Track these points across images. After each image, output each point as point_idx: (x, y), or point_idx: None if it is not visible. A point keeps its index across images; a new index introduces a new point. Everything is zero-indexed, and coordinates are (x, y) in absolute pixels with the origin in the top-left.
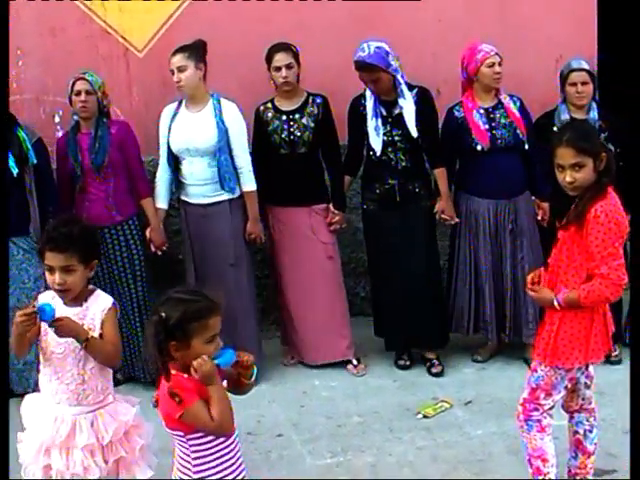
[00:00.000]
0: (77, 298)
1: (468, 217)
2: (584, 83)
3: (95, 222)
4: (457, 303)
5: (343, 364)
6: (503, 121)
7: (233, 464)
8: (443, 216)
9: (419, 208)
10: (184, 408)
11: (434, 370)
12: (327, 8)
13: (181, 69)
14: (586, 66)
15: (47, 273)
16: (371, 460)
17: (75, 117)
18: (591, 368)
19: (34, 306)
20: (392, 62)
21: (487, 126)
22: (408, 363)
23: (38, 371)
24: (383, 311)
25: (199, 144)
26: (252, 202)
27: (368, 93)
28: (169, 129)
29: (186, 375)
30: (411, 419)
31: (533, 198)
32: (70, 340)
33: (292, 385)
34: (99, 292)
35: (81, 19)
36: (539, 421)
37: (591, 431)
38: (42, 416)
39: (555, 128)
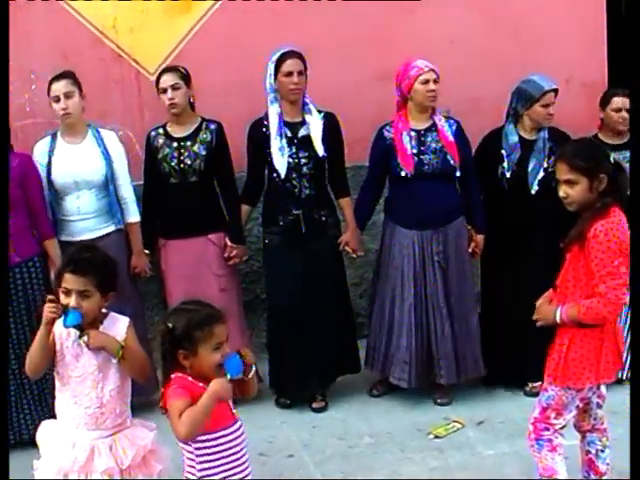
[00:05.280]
0: (92, 324)
1: (391, 247)
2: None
3: None
4: (370, 338)
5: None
6: (434, 145)
7: (238, 465)
8: (347, 248)
9: (326, 238)
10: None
11: (315, 405)
12: (334, 27)
13: (68, 95)
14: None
15: (62, 296)
16: None
17: None
18: (603, 388)
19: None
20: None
21: (415, 150)
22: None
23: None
24: (283, 356)
25: (87, 176)
26: (136, 234)
27: (271, 112)
28: (49, 164)
29: (190, 378)
30: (423, 439)
31: (469, 227)
32: (88, 363)
33: (303, 406)
34: (113, 314)
35: (93, 42)
36: (550, 440)
37: (603, 451)
38: (60, 442)
39: (503, 152)
